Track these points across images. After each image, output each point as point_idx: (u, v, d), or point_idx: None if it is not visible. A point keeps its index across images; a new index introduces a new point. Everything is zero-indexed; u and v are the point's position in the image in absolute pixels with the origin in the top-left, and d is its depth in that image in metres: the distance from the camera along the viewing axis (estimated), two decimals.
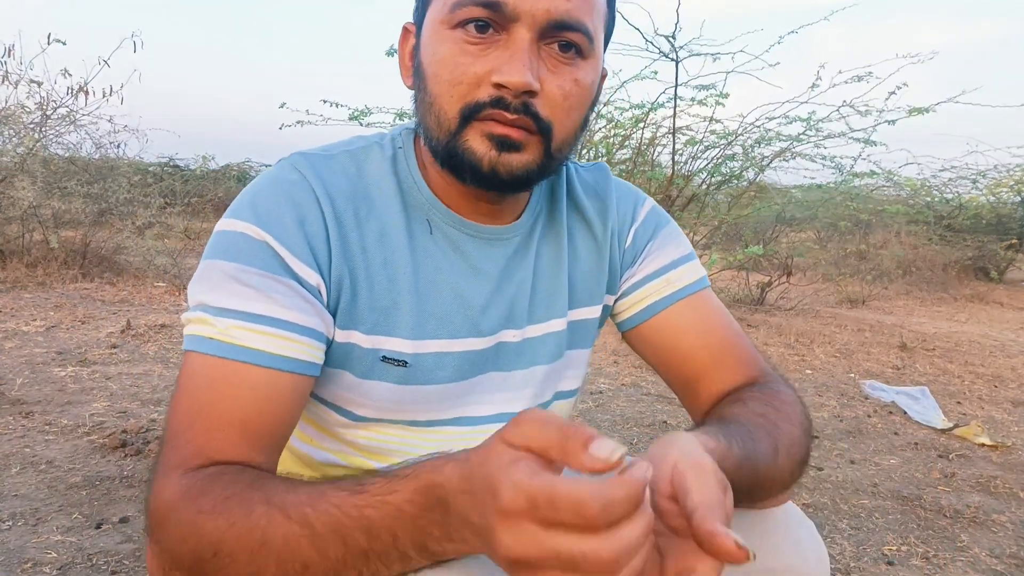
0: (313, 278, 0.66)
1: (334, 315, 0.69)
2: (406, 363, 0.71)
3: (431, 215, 0.73)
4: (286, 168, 0.70)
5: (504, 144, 0.64)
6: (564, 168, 0.82)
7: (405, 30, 0.74)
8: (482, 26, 0.63)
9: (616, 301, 0.85)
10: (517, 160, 0.65)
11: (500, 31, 0.63)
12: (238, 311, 0.62)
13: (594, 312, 0.84)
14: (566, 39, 0.64)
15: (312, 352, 0.65)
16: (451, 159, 0.66)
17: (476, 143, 0.64)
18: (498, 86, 0.63)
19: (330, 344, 0.69)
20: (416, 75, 0.70)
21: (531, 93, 0.63)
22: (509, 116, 0.63)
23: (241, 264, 0.63)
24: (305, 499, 0.52)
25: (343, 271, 0.68)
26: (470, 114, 0.64)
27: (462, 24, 0.64)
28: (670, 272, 0.82)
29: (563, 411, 0.86)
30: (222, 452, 0.60)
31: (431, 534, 0.48)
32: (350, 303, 0.69)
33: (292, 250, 0.65)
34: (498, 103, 0.63)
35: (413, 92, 0.72)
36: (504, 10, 0.62)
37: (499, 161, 0.64)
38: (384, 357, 0.70)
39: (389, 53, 4.47)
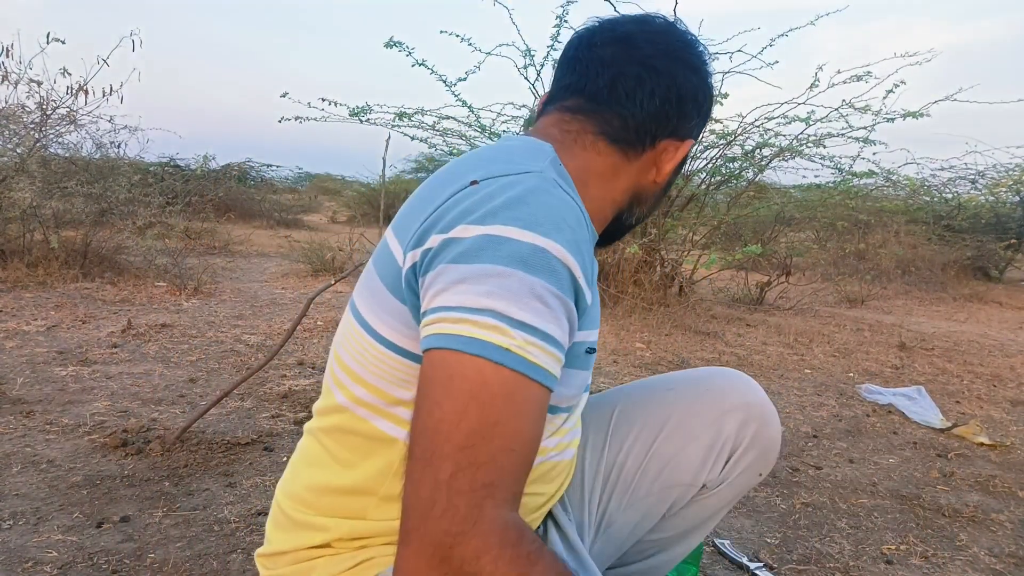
0: (589, 296, 0.72)
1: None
2: (594, 350, 0.81)
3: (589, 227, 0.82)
4: (552, 184, 0.73)
5: None
6: None
7: (684, 142, 0.86)
8: None
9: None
10: None
11: None
12: (535, 328, 0.64)
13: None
14: None
15: (560, 372, 0.69)
16: (623, 232, 0.93)
17: None
18: None
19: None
20: (670, 184, 0.89)
21: None
22: None
23: (547, 283, 0.65)
24: None
25: (588, 274, 0.73)
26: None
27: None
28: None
29: None
30: (516, 476, 0.62)
31: None
32: (588, 308, 0.75)
33: (584, 272, 0.69)
34: None
35: (650, 183, 0.87)
36: None
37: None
38: (588, 349, 0.79)
39: (388, 45, 4.48)
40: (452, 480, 0.58)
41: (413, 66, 4.51)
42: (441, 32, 4.74)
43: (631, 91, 0.80)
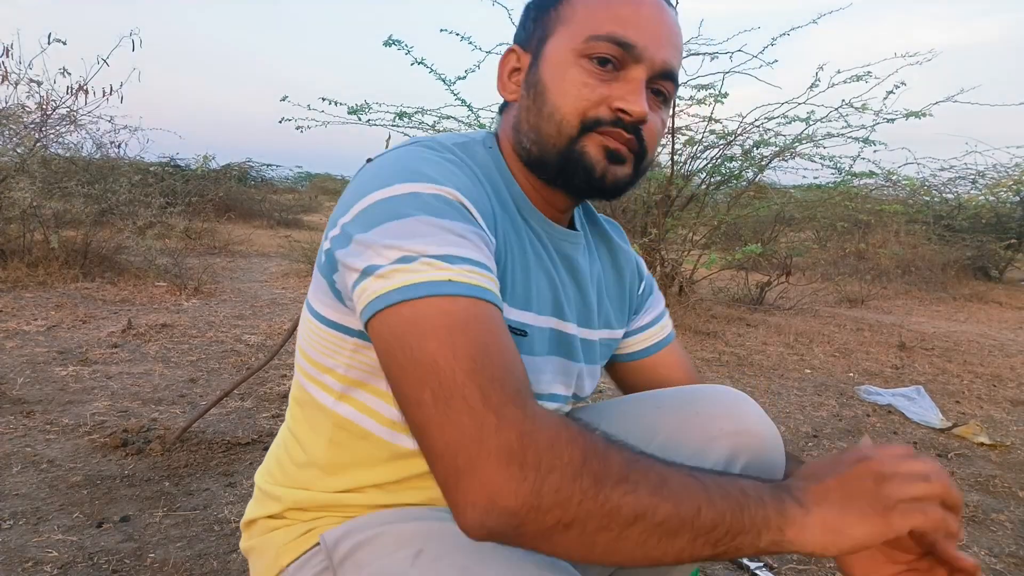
0: (493, 242, 0.71)
1: None
2: (525, 333, 0.78)
3: (522, 210, 0.82)
4: (437, 149, 0.75)
5: (614, 156, 0.76)
6: (585, 204, 0.96)
7: (511, 52, 0.84)
8: (604, 61, 0.75)
9: (627, 336, 1.01)
10: (621, 171, 0.77)
11: (619, 68, 0.75)
12: (465, 257, 0.63)
13: (618, 334, 0.98)
14: (662, 87, 0.78)
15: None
16: (566, 162, 0.77)
17: (593, 150, 0.76)
18: (619, 110, 0.75)
19: None
20: (531, 90, 0.80)
21: (643, 122, 0.75)
22: (626, 135, 0.76)
23: (448, 219, 0.66)
24: (707, 487, 0.58)
25: (498, 239, 0.74)
26: (590, 126, 0.75)
27: (590, 56, 0.75)
28: (661, 320, 1.03)
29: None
30: (528, 382, 0.61)
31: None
32: (501, 271, 0.74)
33: (480, 213, 0.70)
34: (616, 123, 0.75)
35: (517, 105, 0.82)
36: (632, 51, 0.75)
37: (608, 169, 0.76)
38: (509, 327, 0.72)
39: (387, 43, 4.48)
40: (487, 399, 0.56)
41: (412, 64, 4.51)
42: (441, 31, 4.74)
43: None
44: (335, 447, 0.79)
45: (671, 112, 0.96)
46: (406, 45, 4.49)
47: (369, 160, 0.75)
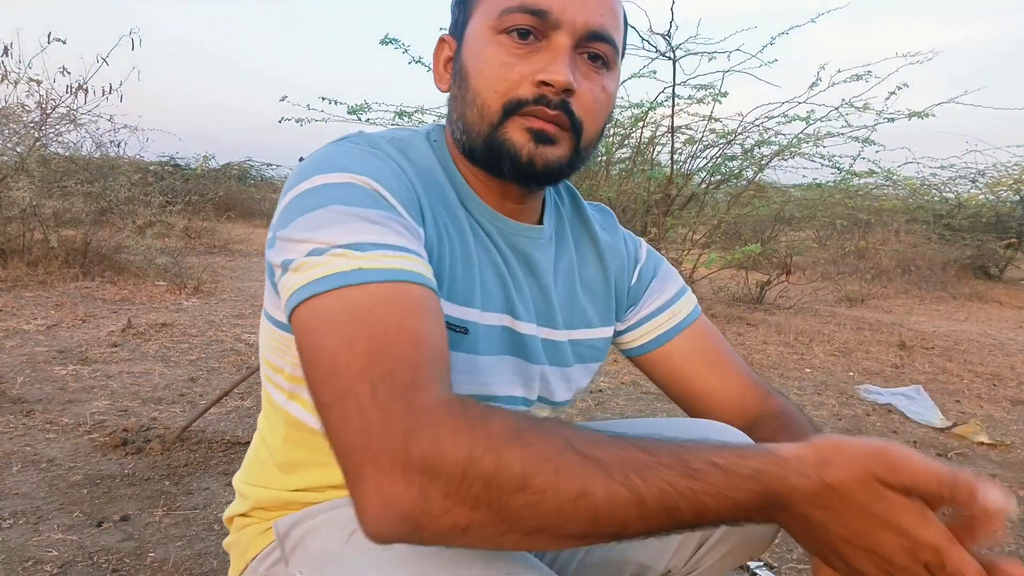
0: (418, 229, 0.67)
1: None
2: (467, 330, 0.74)
3: (468, 205, 0.77)
4: (358, 143, 0.71)
5: (541, 137, 0.70)
6: (570, 192, 0.91)
7: (442, 41, 0.80)
8: (524, 33, 0.70)
9: (626, 331, 0.94)
10: (551, 153, 0.71)
11: (541, 38, 0.70)
12: (376, 243, 0.60)
13: (605, 333, 0.90)
14: (597, 50, 0.71)
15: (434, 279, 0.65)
16: (490, 151, 0.71)
17: (516, 135, 0.70)
18: (541, 84, 0.69)
19: None
20: (456, 77, 0.75)
21: (569, 92, 0.69)
22: (550, 112, 0.69)
23: (360, 207, 0.63)
24: (627, 462, 0.51)
25: (432, 232, 0.71)
26: (512, 109, 0.70)
27: (507, 31, 0.70)
28: (673, 305, 0.93)
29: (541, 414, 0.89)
30: (433, 363, 0.56)
31: (752, 519, 0.52)
32: (436, 264, 0.71)
33: (400, 201, 0.67)
34: (539, 100, 0.69)
35: (449, 95, 0.78)
36: (548, 18, 0.69)
37: (536, 153, 0.70)
38: (448, 323, 0.70)
39: (384, 42, 4.47)
40: (375, 395, 0.53)
41: (409, 63, 4.50)
42: (441, 29, 4.73)
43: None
44: (290, 445, 0.79)
45: (619, 78, 0.82)
46: (403, 44, 4.48)
47: (301, 159, 0.73)
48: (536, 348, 0.81)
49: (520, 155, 0.70)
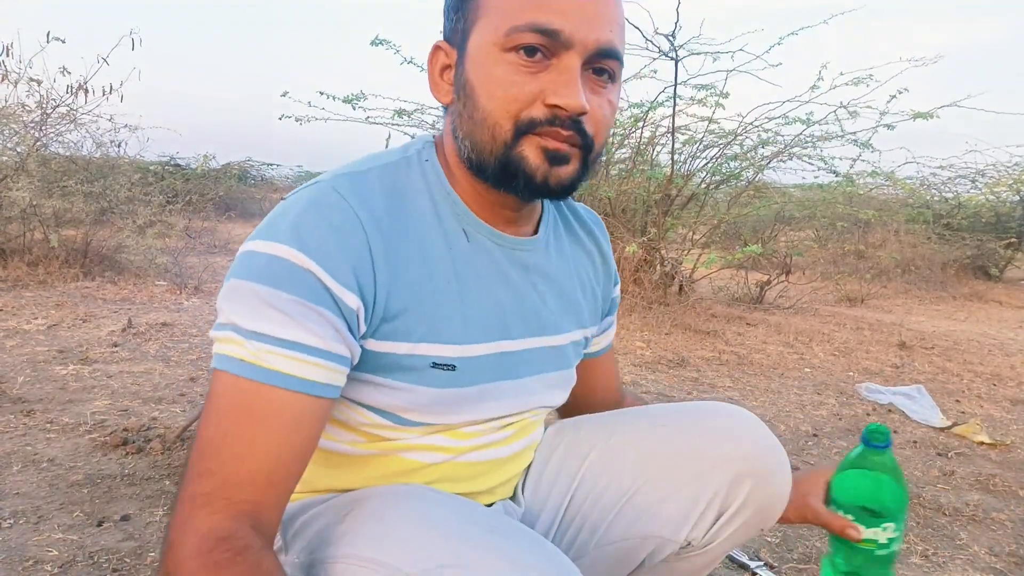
0: (353, 302, 0.67)
1: (378, 329, 0.71)
2: (454, 367, 0.75)
3: (465, 225, 0.78)
4: (325, 190, 0.71)
5: (556, 158, 0.71)
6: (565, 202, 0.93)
7: (437, 48, 0.78)
8: (531, 50, 0.69)
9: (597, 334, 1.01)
10: (565, 172, 0.72)
11: (550, 56, 0.69)
12: (269, 336, 0.64)
13: (592, 332, 0.96)
14: (605, 66, 0.72)
15: (336, 377, 0.68)
16: (504, 170, 0.72)
17: (532, 155, 0.70)
18: (553, 106, 0.69)
19: (382, 354, 0.72)
20: (461, 93, 0.74)
21: (582, 114, 0.70)
22: (564, 133, 0.70)
23: (278, 290, 0.65)
24: None
25: (389, 290, 0.71)
26: (525, 129, 0.70)
27: (515, 48, 0.69)
28: (614, 325, 1.05)
29: (537, 421, 0.94)
30: (246, 484, 0.63)
31: None
32: (398, 316, 0.71)
33: (335, 275, 0.66)
34: (552, 121, 0.70)
35: (450, 108, 0.77)
36: (560, 38, 0.68)
37: (551, 173, 0.71)
38: (434, 364, 0.74)
39: (374, 43, 4.47)
40: (183, 491, 0.62)
41: (401, 64, 4.49)
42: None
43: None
44: None
45: (620, 87, 0.82)
46: (394, 44, 4.47)
47: (282, 199, 0.74)
48: (532, 362, 0.83)
49: (535, 176, 0.71)
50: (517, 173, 0.71)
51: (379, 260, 0.70)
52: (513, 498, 0.93)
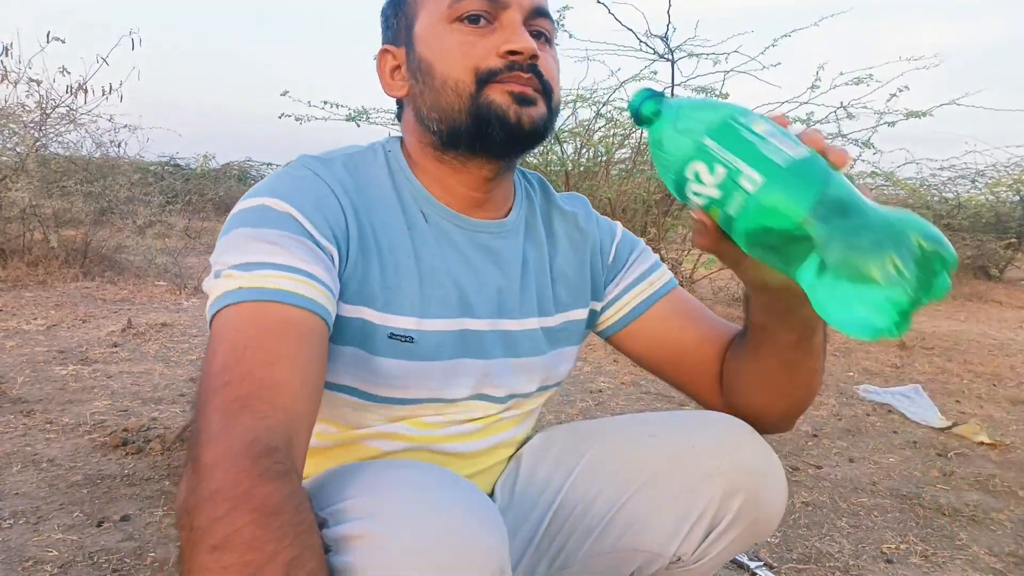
0: (329, 249, 0.71)
1: (345, 288, 0.73)
2: (412, 339, 0.76)
3: (424, 208, 0.81)
4: (296, 167, 0.76)
5: (522, 99, 0.74)
6: (541, 183, 0.94)
7: (384, 52, 0.83)
8: (475, 19, 0.75)
9: (606, 307, 0.95)
10: (536, 111, 0.75)
11: (492, 20, 0.76)
12: (265, 262, 0.65)
13: (581, 315, 0.93)
14: (541, 27, 0.78)
15: (330, 303, 0.68)
16: (477, 120, 0.74)
17: (499, 98, 0.74)
18: (508, 54, 0.74)
19: (345, 319, 0.73)
20: (417, 74, 0.79)
21: (536, 57, 0.75)
22: (525, 75, 0.75)
23: (265, 228, 0.68)
24: None
25: (357, 251, 0.74)
26: (486, 78, 0.74)
27: (459, 19, 0.75)
28: (651, 275, 0.95)
29: (541, 400, 0.94)
30: (281, 387, 0.59)
31: None
32: (363, 280, 0.74)
33: (312, 222, 0.70)
34: (512, 67, 0.74)
35: (407, 98, 0.82)
36: (498, 1, 0.75)
37: (522, 112, 0.74)
38: (392, 334, 0.75)
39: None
40: (206, 404, 0.57)
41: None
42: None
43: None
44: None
45: (556, 54, 0.85)
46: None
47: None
48: (498, 344, 0.83)
49: (508, 116, 0.74)
50: (490, 118, 0.74)
51: (350, 218, 0.74)
52: (492, 496, 0.92)
